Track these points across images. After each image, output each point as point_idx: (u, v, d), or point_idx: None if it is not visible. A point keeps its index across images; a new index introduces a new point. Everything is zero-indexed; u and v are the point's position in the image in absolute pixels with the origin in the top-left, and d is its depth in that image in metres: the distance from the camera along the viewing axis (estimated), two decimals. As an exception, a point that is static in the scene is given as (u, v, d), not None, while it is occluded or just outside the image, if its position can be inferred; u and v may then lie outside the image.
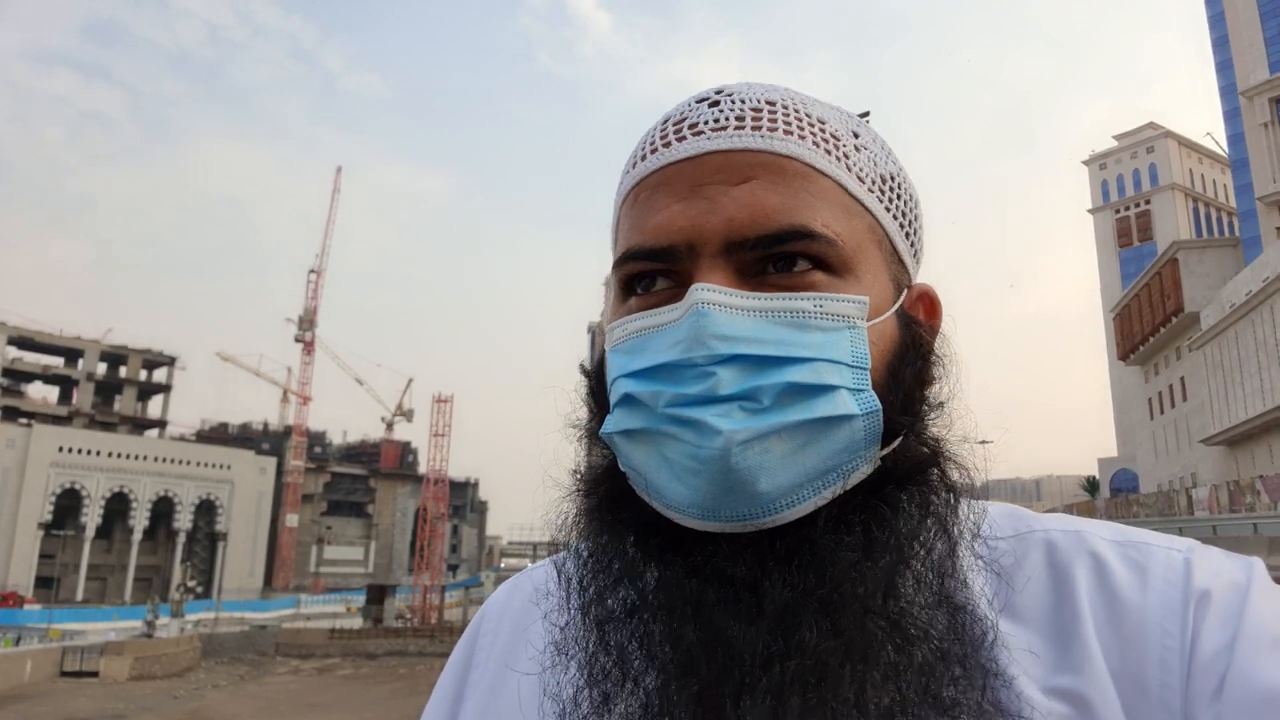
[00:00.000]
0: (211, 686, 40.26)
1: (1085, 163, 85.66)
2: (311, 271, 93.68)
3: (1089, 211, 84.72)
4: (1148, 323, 60.01)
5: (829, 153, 0.71)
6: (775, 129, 0.70)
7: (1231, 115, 55.94)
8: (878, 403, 0.65)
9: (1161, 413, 60.86)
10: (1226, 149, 59.75)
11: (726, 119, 0.70)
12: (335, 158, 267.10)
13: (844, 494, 0.64)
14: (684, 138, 0.71)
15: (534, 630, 0.79)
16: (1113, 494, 64.37)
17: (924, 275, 0.79)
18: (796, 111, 0.72)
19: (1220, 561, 0.67)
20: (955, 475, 0.70)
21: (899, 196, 0.75)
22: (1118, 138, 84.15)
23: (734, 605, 0.61)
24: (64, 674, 41.55)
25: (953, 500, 0.68)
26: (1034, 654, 0.63)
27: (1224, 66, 56.77)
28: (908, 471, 0.68)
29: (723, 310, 0.63)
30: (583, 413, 0.81)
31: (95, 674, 41.29)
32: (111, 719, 31.99)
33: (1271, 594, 0.64)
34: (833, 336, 0.65)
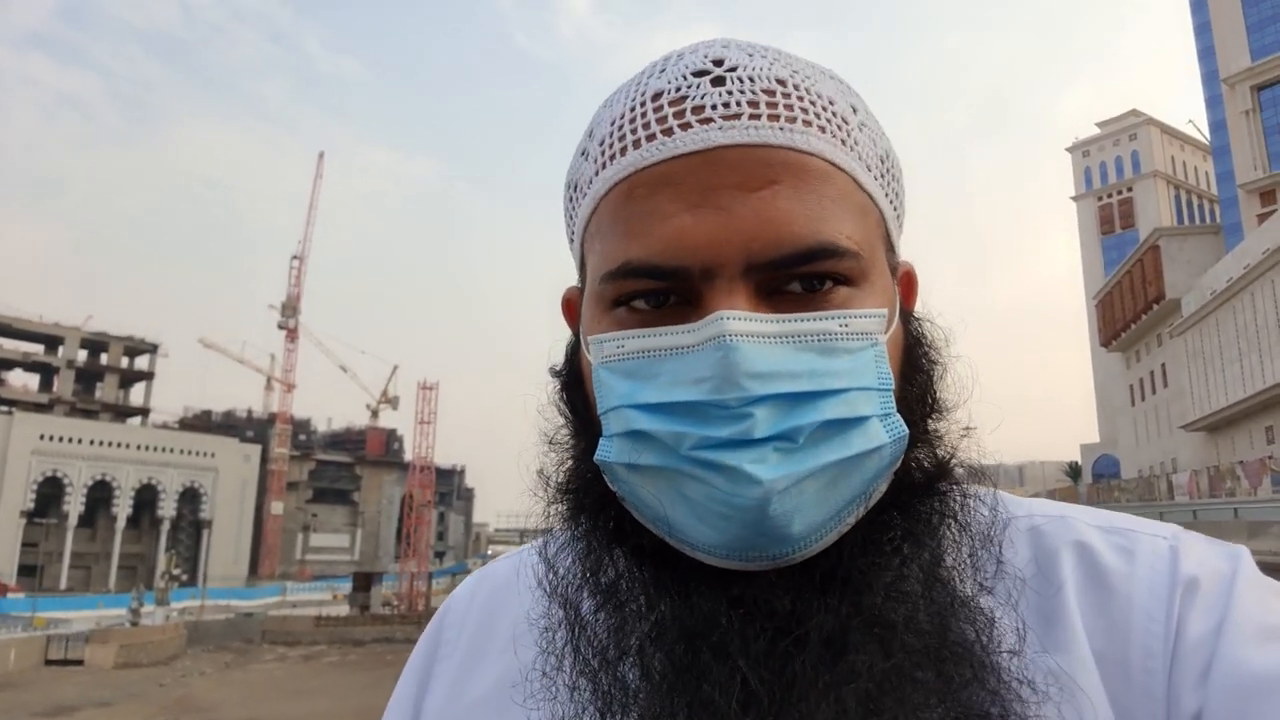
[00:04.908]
0: (197, 674, 40.21)
1: (1069, 150, 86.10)
2: (294, 257, 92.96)
3: (1072, 199, 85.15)
4: (1129, 310, 60.51)
5: (843, 142, 0.65)
6: (794, 119, 0.63)
7: (1213, 102, 56.30)
8: (905, 428, 0.62)
9: (1143, 399, 61.46)
10: (1208, 136, 60.13)
11: (739, 105, 0.62)
12: (317, 142, 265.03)
13: (865, 514, 0.63)
14: (689, 125, 0.62)
15: (502, 627, 0.77)
16: (1095, 479, 65.04)
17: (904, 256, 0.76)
18: (809, 92, 0.65)
19: (1206, 550, 0.67)
20: (964, 477, 0.69)
21: (893, 176, 0.70)
22: (1100, 125, 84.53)
23: (782, 639, 0.58)
24: (49, 662, 41.41)
25: (967, 504, 0.67)
26: (1018, 634, 0.63)
27: (1206, 53, 57.06)
28: (923, 482, 0.66)
29: (750, 341, 0.58)
30: (555, 417, 0.74)
31: (81, 662, 41.19)
32: (98, 707, 31.91)
33: (1257, 584, 0.63)
34: (859, 359, 0.61)
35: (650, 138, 0.63)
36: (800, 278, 0.61)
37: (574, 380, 0.72)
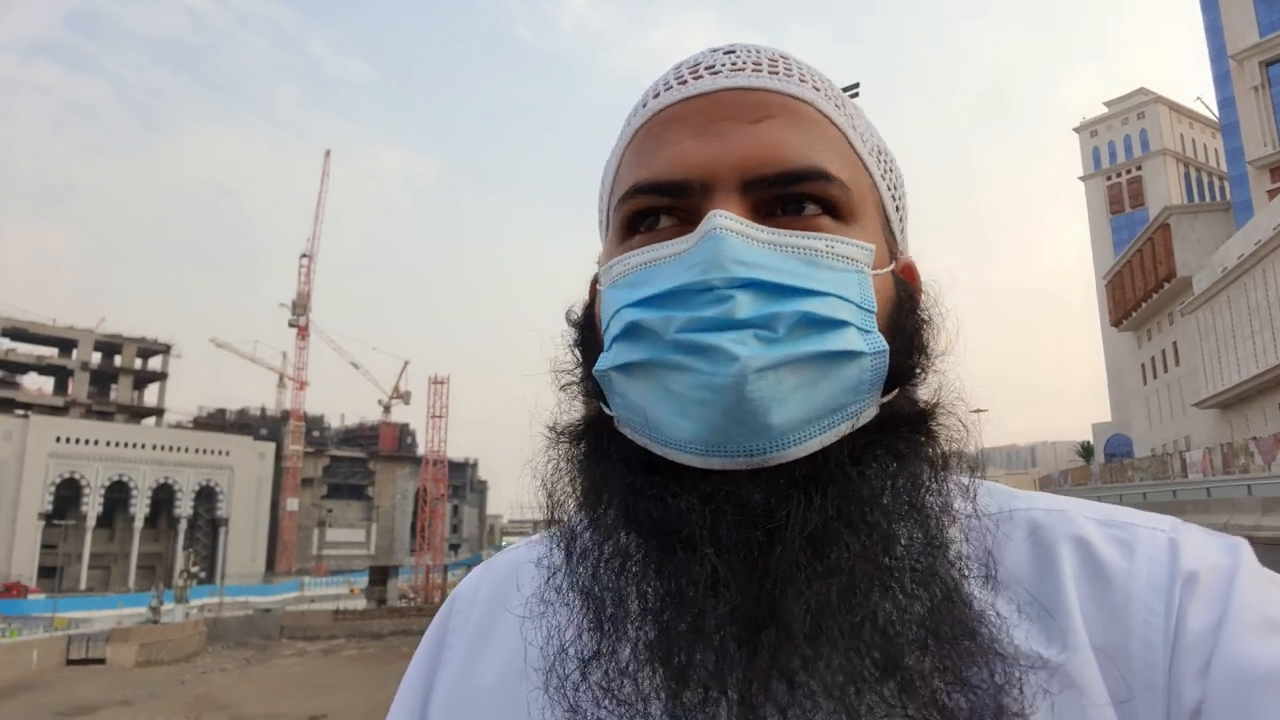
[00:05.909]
0: (218, 671, 40.61)
1: (1076, 130, 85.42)
2: (304, 256, 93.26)
3: (1080, 179, 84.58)
4: (1140, 289, 60.09)
5: (837, 108, 0.73)
6: (791, 75, 0.71)
7: (1221, 79, 55.74)
8: (885, 343, 0.65)
9: (1155, 378, 61.11)
10: (1217, 113, 59.63)
11: (744, 62, 0.71)
12: (325, 144, 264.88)
13: (850, 435, 0.65)
14: (700, 77, 0.71)
15: (513, 601, 0.78)
16: (1107, 459, 64.76)
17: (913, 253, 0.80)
18: (810, 70, 0.74)
19: (1206, 543, 0.67)
20: (950, 430, 0.70)
21: (890, 169, 0.77)
22: (1108, 104, 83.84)
23: (754, 530, 0.59)
24: (70, 662, 41.85)
25: (947, 455, 0.69)
26: (1016, 625, 0.63)
27: (1213, 29, 56.49)
28: (907, 421, 0.68)
29: (739, 238, 0.62)
30: (568, 362, 0.79)
31: (102, 661, 41.64)
32: (119, 705, 32.28)
33: (1258, 577, 0.64)
34: (843, 276, 0.65)
35: (668, 89, 0.72)
36: (790, 200, 0.67)
37: (589, 333, 0.76)
